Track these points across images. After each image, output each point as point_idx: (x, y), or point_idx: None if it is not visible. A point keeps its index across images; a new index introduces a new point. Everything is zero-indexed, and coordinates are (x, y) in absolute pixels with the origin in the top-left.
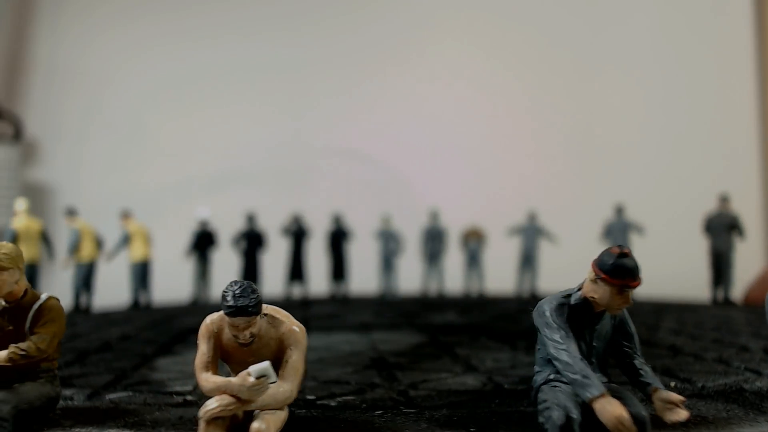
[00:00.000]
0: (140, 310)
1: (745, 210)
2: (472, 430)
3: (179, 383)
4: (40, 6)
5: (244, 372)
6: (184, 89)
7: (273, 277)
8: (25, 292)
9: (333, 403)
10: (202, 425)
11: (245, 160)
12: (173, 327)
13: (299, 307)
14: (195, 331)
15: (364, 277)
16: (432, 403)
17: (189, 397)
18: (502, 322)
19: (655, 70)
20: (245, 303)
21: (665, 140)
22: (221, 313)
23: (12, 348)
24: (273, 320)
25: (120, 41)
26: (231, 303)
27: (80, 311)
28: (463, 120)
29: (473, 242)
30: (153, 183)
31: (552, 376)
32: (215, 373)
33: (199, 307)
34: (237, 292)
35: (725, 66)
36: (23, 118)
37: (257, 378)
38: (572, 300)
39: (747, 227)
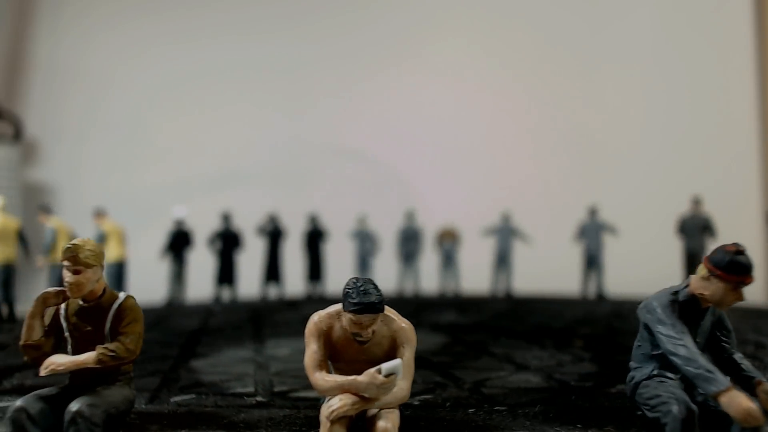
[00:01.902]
0: None
1: (746, 210)
2: (579, 426)
3: (237, 384)
4: (40, 6)
5: (372, 370)
6: (184, 89)
7: (249, 278)
8: (104, 290)
9: (416, 402)
10: (327, 425)
11: (245, 160)
12: (172, 328)
13: (292, 309)
14: (202, 332)
15: (342, 277)
16: (516, 401)
17: (259, 398)
18: (505, 321)
19: (655, 71)
20: (373, 300)
21: (665, 140)
22: (330, 311)
23: (100, 349)
24: (384, 317)
25: (120, 41)
26: (358, 300)
27: None
28: (463, 120)
29: (448, 242)
30: (153, 183)
31: (656, 372)
32: (328, 371)
33: (187, 308)
34: (363, 288)
35: (725, 66)
36: (23, 118)
37: (386, 376)
38: (680, 297)
39: (747, 227)
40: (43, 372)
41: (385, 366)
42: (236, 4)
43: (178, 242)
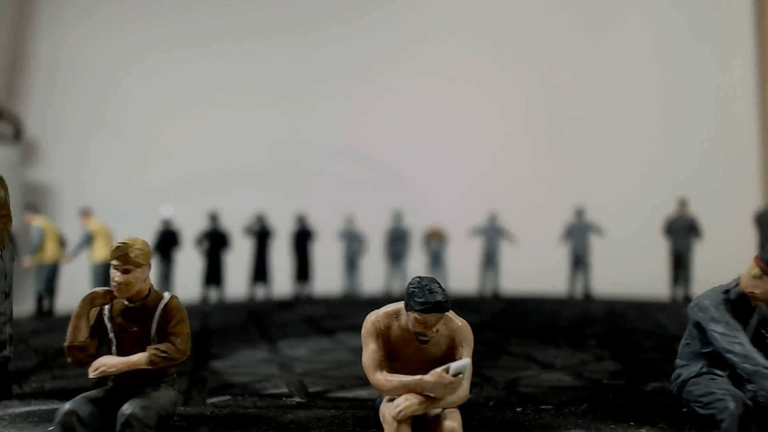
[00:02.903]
0: None
1: (746, 210)
2: (632, 423)
3: (269, 385)
4: (40, 6)
5: (439, 369)
6: (184, 89)
7: (236, 278)
8: (149, 290)
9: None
10: (393, 425)
11: (245, 160)
12: None
13: (287, 309)
14: (206, 333)
15: (328, 278)
16: (558, 399)
17: (297, 399)
18: (507, 321)
19: (654, 72)
20: (439, 299)
21: (663, 141)
22: (387, 310)
23: (152, 350)
24: (444, 317)
25: (120, 41)
26: (426, 299)
27: (43, 315)
28: (463, 120)
29: (435, 243)
30: (153, 183)
31: (704, 369)
32: (388, 371)
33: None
34: (428, 287)
35: (725, 67)
36: (23, 118)
37: (454, 375)
38: (731, 295)
39: (747, 228)
40: (92, 374)
41: (454, 365)
42: (236, 4)
43: (166, 242)
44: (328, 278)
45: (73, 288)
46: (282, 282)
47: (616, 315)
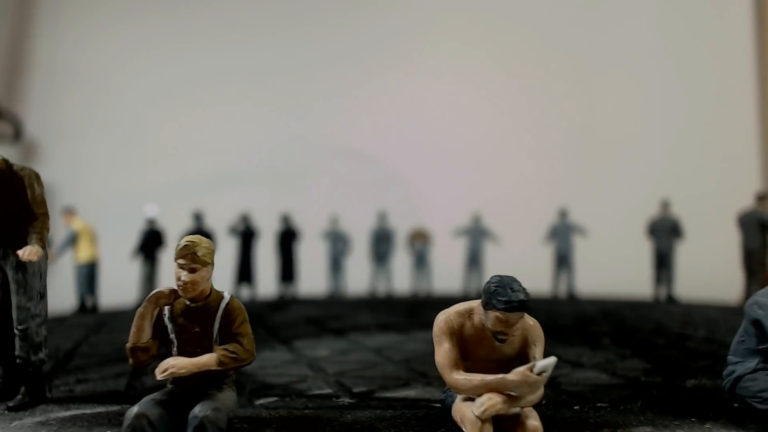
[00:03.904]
0: (89, 314)
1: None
2: (693, 419)
3: (311, 386)
4: (40, 6)
5: (523, 368)
6: (184, 89)
7: (221, 279)
8: (210, 290)
9: None
10: (478, 424)
11: (245, 160)
12: None
13: (281, 310)
14: None
15: (315, 279)
16: (608, 396)
17: (348, 400)
18: None
19: (655, 71)
20: (522, 297)
21: (665, 141)
22: (458, 309)
23: (220, 351)
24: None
25: (120, 41)
26: (510, 298)
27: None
28: (463, 120)
29: (419, 243)
30: (153, 183)
31: (760, 366)
32: (465, 370)
33: None
34: (511, 286)
35: (725, 66)
36: (23, 118)
37: (539, 374)
38: None
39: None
40: (160, 375)
41: (539, 364)
42: (236, 4)
43: (150, 242)
44: (313, 279)
45: (55, 290)
46: (266, 283)
47: (612, 314)
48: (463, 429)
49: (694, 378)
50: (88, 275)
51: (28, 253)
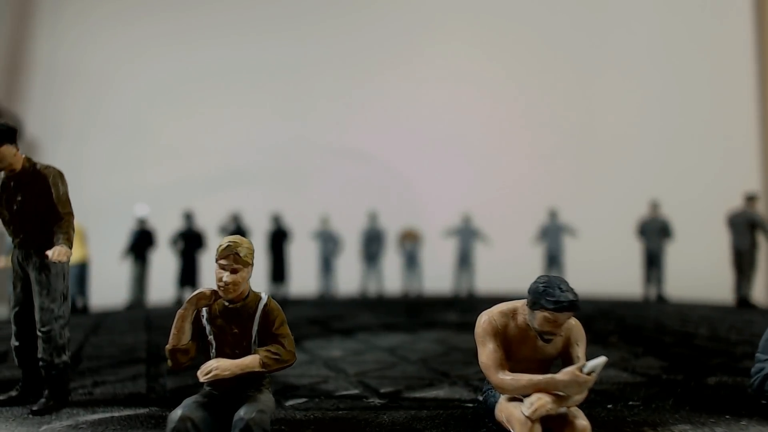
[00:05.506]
0: (80, 315)
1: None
2: (727, 416)
3: (338, 386)
4: (40, 6)
5: (572, 368)
6: (185, 89)
7: (211, 279)
8: (248, 291)
9: None
10: (528, 424)
11: (245, 160)
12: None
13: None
14: None
15: (307, 279)
16: (636, 395)
17: (378, 401)
18: None
19: (655, 71)
20: (572, 297)
21: (664, 141)
22: (501, 309)
23: (263, 352)
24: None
25: (120, 41)
26: (559, 298)
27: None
28: (463, 120)
29: (409, 243)
30: (153, 183)
31: None
32: (510, 370)
33: (167, 310)
34: (561, 286)
35: (725, 67)
36: (23, 118)
37: (588, 373)
38: None
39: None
40: (203, 378)
41: (589, 364)
42: (236, 4)
43: (140, 242)
44: (304, 279)
45: None
46: (257, 283)
47: (611, 313)
48: (510, 429)
49: (713, 375)
50: (79, 276)
51: (57, 253)
